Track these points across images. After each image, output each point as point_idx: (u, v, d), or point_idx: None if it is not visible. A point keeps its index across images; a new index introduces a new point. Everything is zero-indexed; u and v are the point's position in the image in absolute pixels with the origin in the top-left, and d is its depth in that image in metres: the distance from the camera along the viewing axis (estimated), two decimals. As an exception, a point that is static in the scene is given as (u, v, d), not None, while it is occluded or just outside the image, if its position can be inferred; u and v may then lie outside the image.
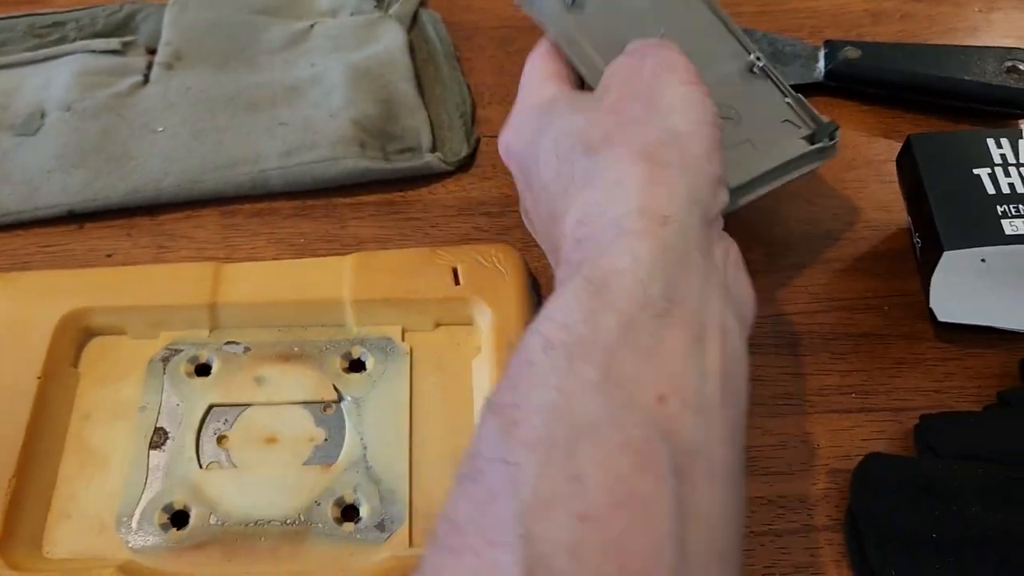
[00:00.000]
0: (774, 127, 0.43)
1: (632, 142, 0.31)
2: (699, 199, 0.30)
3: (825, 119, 0.44)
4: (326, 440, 0.37)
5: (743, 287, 0.32)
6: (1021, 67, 0.48)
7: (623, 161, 0.31)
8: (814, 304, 0.43)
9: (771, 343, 0.41)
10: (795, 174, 0.42)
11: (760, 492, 0.37)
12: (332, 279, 0.40)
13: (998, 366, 0.40)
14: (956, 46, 0.50)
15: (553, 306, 0.28)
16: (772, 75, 0.44)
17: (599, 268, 0.28)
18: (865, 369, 0.41)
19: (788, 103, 0.44)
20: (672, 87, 0.33)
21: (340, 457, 0.37)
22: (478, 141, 0.48)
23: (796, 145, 0.43)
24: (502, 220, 0.46)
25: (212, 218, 0.46)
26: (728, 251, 0.32)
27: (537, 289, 0.42)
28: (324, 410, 0.38)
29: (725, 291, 0.30)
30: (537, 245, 0.44)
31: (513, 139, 0.37)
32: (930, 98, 0.49)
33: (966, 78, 0.48)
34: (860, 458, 0.36)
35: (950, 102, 0.49)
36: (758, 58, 0.43)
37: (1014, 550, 0.32)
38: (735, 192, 0.38)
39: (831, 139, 0.42)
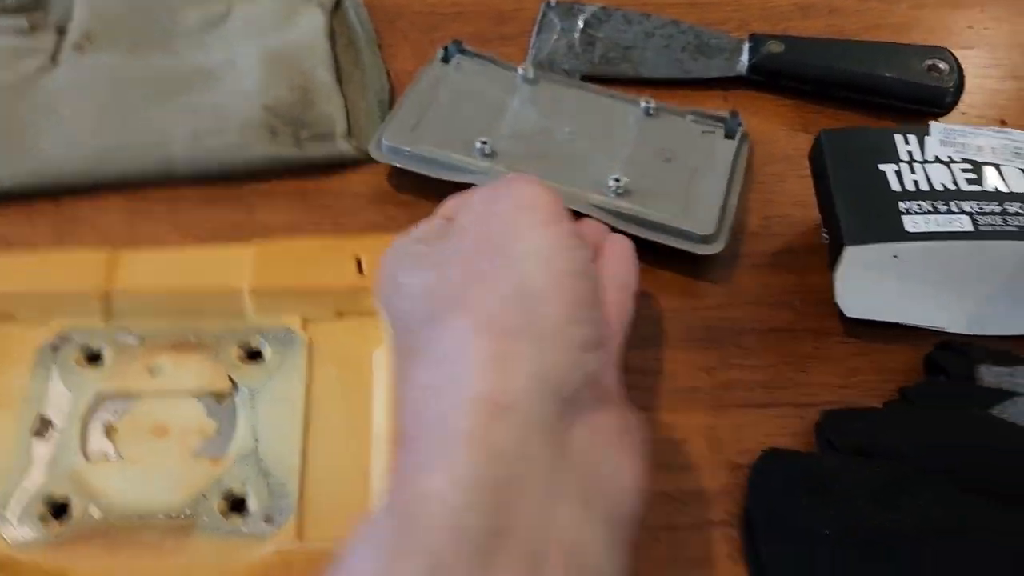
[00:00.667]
0: (701, 144, 0.45)
1: (478, 308, 0.26)
2: (553, 375, 0.25)
3: (722, 112, 0.45)
4: (218, 432, 0.36)
5: (622, 472, 0.27)
6: (941, 66, 0.48)
7: (463, 335, 0.25)
8: (725, 299, 0.42)
9: (680, 337, 0.41)
10: (741, 173, 0.46)
11: (660, 486, 0.37)
12: (232, 267, 0.39)
13: (904, 362, 0.40)
14: (879, 43, 0.50)
15: (347, 550, 0.23)
16: (663, 108, 0.48)
17: (410, 491, 0.23)
18: (773, 364, 0.40)
19: (692, 120, 0.47)
20: (530, 231, 0.28)
21: (231, 449, 0.36)
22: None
23: (724, 146, 0.44)
24: (416, 210, 0.45)
25: (117, 204, 0.44)
26: (600, 428, 0.27)
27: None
28: (218, 401, 0.37)
29: (583, 492, 0.25)
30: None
31: (380, 279, 0.32)
32: (851, 94, 0.49)
33: (887, 75, 0.48)
34: (760, 453, 0.36)
35: (871, 98, 0.49)
36: (647, 102, 0.47)
37: (902, 549, 0.32)
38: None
39: (740, 125, 0.46)
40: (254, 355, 0.38)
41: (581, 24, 0.52)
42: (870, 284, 0.39)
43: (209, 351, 0.38)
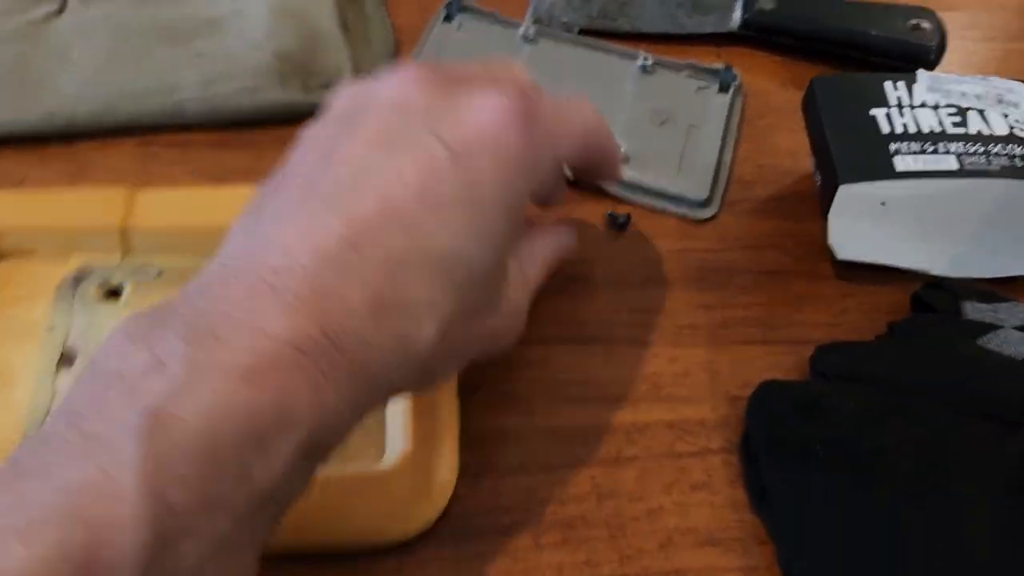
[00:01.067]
0: (696, 100, 0.46)
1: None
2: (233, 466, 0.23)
3: (715, 65, 0.47)
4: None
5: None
6: (924, 25, 0.50)
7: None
8: (721, 243, 0.44)
9: (678, 277, 0.43)
10: (735, 127, 0.48)
11: (662, 416, 0.39)
12: (236, 207, 0.40)
13: (891, 303, 0.42)
14: (867, 2, 0.52)
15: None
16: (660, 62, 0.49)
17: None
18: (767, 303, 0.42)
19: (687, 75, 0.49)
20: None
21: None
22: (400, 79, 0.48)
23: (719, 102, 0.46)
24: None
25: (128, 148, 0.45)
26: None
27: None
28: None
29: None
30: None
31: None
32: (840, 50, 0.51)
33: (873, 32, 0.50)
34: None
35: (858, 54, 0.50)
36: (644, 59, 0.48)
37: (885, 463, 0.34)
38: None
39: (735, 78, 0.48)
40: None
41: (580, -20, 0.53)
42: (861, 227, 0.41)
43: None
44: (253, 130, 0.46)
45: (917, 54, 0.49)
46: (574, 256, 0.40)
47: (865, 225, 0.42)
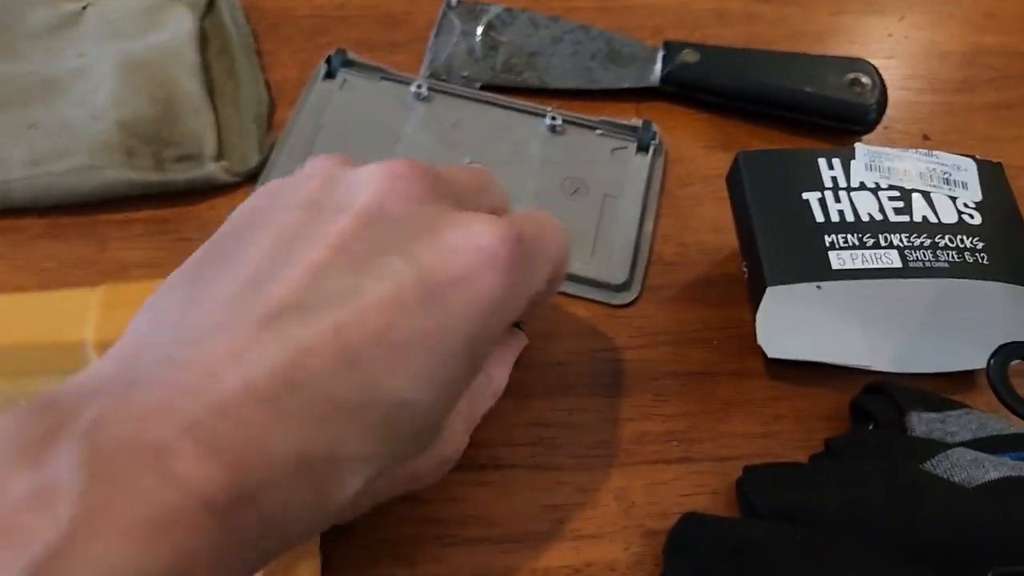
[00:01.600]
0: (612, 163, 0.42)
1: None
2: None
3: (632, 121, 0.42)
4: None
5: None
6: (863, 80, 0.45)
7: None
8: (639, 338, 0.39)
9: (586, 384, 0.37)
10: (656, 195, 0.43)
11: (565, 560, 0.33)
12: (74, 316, 0.34)
13: (829, 407, 0.37)
14: (799, 54, 0.47)
15: None
16: (571, 119, 0.44)
17: None
18: (691, 413, 0.37)
19: (600, 133, 0.44)
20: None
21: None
22: (272, 147, 0.42)
23: (637, 164, 0.41)
24: (294, 241, 0.40)
25: (-58, 237, 0.38)
26: None
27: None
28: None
29: None
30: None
31: None
32: (770, 108, 0.45)
33: (807, 89, 0.45)
34: (678, 516, 0.33)
35: (791, 114, 0.45)
36: (553, 117, 0.43)
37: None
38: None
39: (654, 136, 0.43)
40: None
41: (483, 26, 0.47)
42: (793, 323, 0.36)
43: (44, 417, 0.33)
44: (94, 213, 0.39)
45: (856, 114, 0.44)
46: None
47: (798, 320, 0.37)
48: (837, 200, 0.35)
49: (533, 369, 0.37)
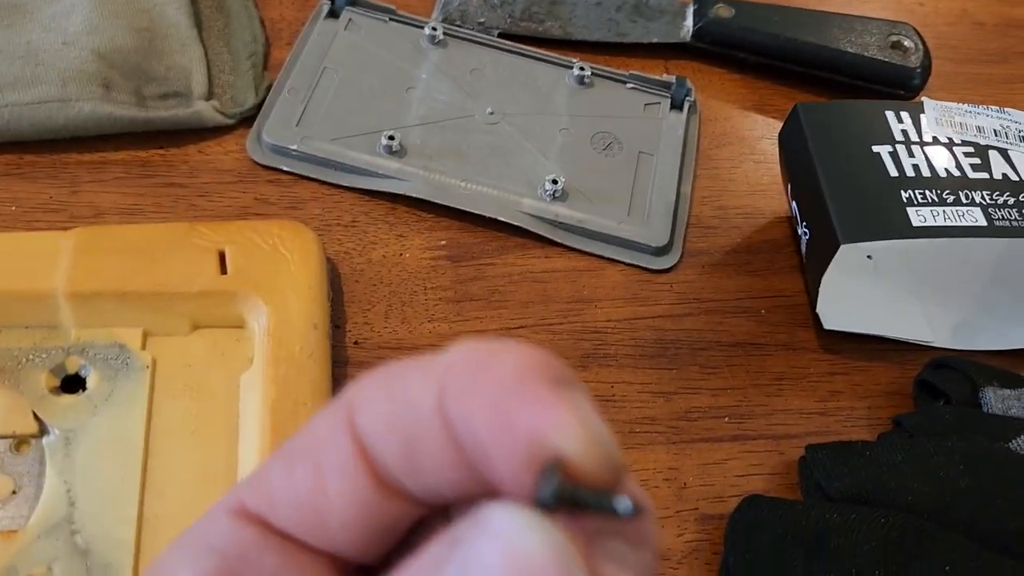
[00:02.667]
0: (645, 119, 0.39)
1: None
2: None
3: (666, 76, 0.39)
4: (14, 493, 0.26)
5: None
6: (906, 43, 0.42)
7: None
8: (680, 305, 0.35)
9: (627, 354, 0.33)
10: (693, 155, 0.39)
11: (615, 548, 0.29)
12: (43, 262, 0.29)
13: (889, 383, 0.34)
14: (837, 14, 0.44)
15: None
16: (600, 72, 0.40)
17: None
18: (740, 387, 0.33)
19: (632, 87, 0.41)
20: None
21: (32, 519, 0.25)
22: (269, 89, 0.37)
23: (672, 121, 0.38)
24: (294, 190, 0.35)
25: None
26: None
27: (335, 283, 0.32)
28: (16, 448, 0.27)
29: None
30: (340, 223, 0.35)
31: None
32: (808, 68, 0.42)
33: (848, 50, 0.42)
34: (735, 500, 0.29)
35: (829, 75, 0.42)
36: (581, 68, 0.40)
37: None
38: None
39: (689, 92, 0.40)
40: (72, 383, 0.28)
41: (498, -26, 0.43)
42: (853, 292, 0.33)
43: (7, 377, 0.28)
44: (63, 151, 0.34)
45: (900, 77, 0.41)
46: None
47: (858, 289, 0.33)
48: (911, 154, 0.32)
49: (569, 337, 0.33)
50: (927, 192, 0.31)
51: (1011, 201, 0.31)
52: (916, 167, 0.31)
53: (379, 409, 0.14)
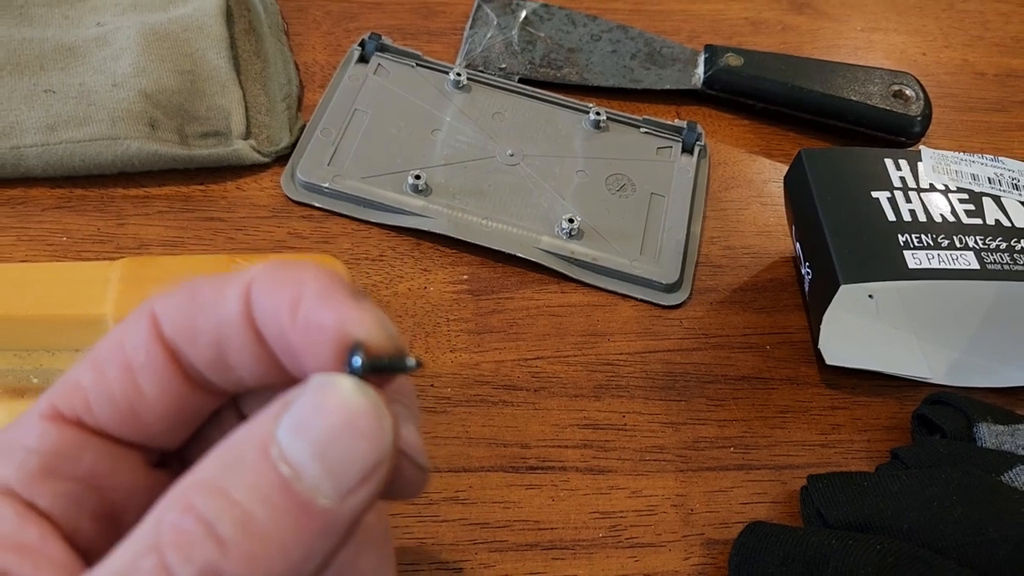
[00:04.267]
0: (657, 162, 0.41)
1: None
2: None
3: (677, 122, 0.41)
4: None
5: None
6: (907, 92, 0.44)
7: None
8: (689, 340, 0.37)
9: (639, 385, 0.35)
10: (703, 196, 0.42)
11: (624, 569, 0.31)
12: (93, 290, 0.31)
13: (888, 417, 0.36)
14: (842, 63, 0.46)
15: None
16: (615, 116, 0.43)
17: None
18: (745, 418, 0.35)
19: (645, 132, 0.43)
20: None
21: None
22: (302, 130, 0.40)
23: (683, 164, 0.40)
24: (325, 225, 0.37)
25: (-55, 205, 0.35)
26: None
27: (364, 312, 0.34)
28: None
29: None
30: (368, 257, 0.37)
31: None
32: (813, 116, 0.44)
33: (852, 98, 0.44)
34: (740, 526, 0.31)
35: (834, 122, 0.44)
36: (597, 113, 0.42)
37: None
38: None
39: (699, 137, 0.42)
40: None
41: (520, 20, 0.46)
42: (854, 329, 0.35)
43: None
44: (111, 186, 0.37)
45: (901, 125, 0.43)
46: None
47: (859, 327, 0.35)
48: (908, 200, 0.34)
49: (583, 368, 0.35)
50: (923, 236, 0.32)
51: (1003, 246, 0.32)
52: (913, 212, 0.33)
53: (185, 317, 0.17)
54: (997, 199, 0.34)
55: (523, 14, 0.46)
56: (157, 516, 0.14)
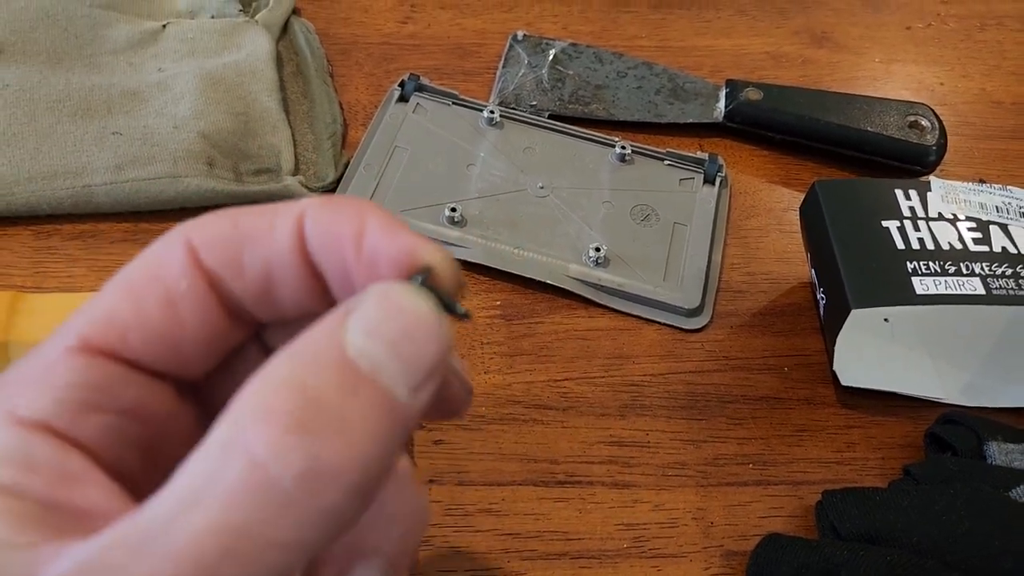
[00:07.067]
0: (680, 193, 0.43)
1: None
2: None
3: (698, 154, 0.43)
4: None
5: None
6: (923, 123, 0.46)
7: None
8: (710, 362, 0.39)
9: (662, 405, 0.37)
10: (724, 225, 0.44)
11: (647, 578, 0.33)
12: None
13: (902, 436, 0.37)
14: (859, 96, 0.48)
15: None
16: (639, 149, 0.45)
17: None
18: (764, 437, 0.37)
19: (669, 164, 0.45)
20: None
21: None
22: (347, 166, 0.43)
23: (705, 195, 0.42)
24: (369, 255, 0.40)
25: (23, 239, 0.39)
26: None
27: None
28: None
29: None
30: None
31: None
32: (831, 146, 0.46)
33: (869, 129, 0.46)
34: (757, 538, 0.33)
35: (851, 152, 0.46)
36: (622, 146, 0.44)
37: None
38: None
39: (720, 169, 0.44)
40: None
41: (550, 59, 0.48)
42: (868, 351, 0.37)
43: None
44: (172, 221, 0.40)
45: (917, 155, 0.45)
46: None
47: (873, 349, 0.37)
48: (916, 229, 0.35)
49: (609, 389, 0.37)
50: (930, 263, 0.34)
51: (1009, 272, 0.34)
52: (921, 240, 0.35)
53: (229, 248, 0.17)
54: (1004, 227, 0.36)
55: (552, 53, 0.49)
56: (233, 420, 0.14)
